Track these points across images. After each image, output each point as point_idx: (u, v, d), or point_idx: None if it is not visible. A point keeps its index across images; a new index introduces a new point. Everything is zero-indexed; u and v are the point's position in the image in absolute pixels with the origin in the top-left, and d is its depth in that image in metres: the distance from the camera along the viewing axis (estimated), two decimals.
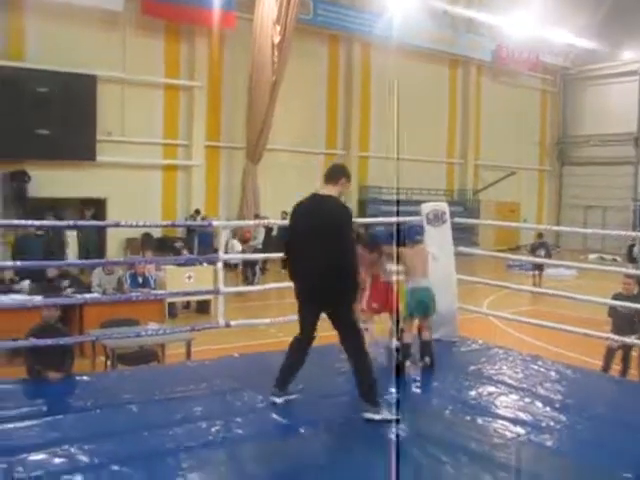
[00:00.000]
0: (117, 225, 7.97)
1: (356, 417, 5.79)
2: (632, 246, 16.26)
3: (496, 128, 32.64)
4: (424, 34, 28.21)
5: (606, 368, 8.91)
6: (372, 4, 26.35)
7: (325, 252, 5.88)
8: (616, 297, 8.99)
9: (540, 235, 19.05)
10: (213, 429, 5.49)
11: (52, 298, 7.72)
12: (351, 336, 6.00)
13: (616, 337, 8.50)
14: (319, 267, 5.90)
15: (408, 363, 7.31)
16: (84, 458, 4.87)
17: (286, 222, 6.53)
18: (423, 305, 7.52)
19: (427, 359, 7.45)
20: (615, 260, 26.44)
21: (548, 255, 18.92)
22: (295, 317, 6.27)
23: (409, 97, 28.33)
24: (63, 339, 6.79)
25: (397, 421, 5.64)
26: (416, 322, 7.56)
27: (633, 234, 17.19)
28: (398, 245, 7.80)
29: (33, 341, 6.65)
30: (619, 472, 4.89)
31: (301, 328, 6.14)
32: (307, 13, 24.59)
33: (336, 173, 6.30)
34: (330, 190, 6.17)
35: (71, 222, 7.98)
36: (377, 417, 5.71)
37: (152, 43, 22.37)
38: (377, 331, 7.65)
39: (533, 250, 19.54)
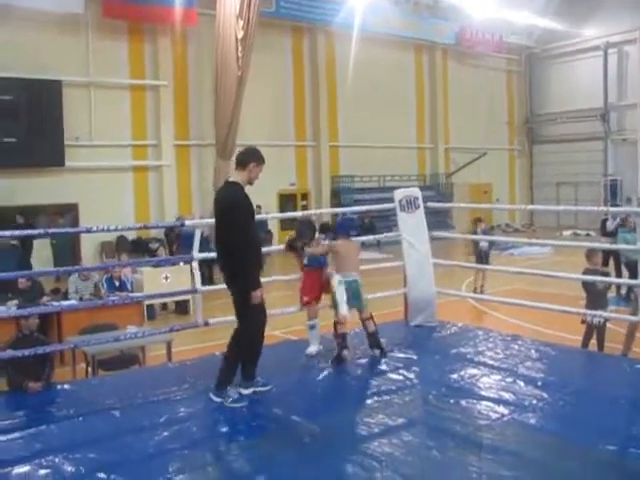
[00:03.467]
0: (89, 231, 7.86)
1: (341, 413, 5.81)
2: (605, 220, 16.33)
3: (465, 110, 32.79)
4: (387, 21, 28.18)
5: (586, 344, 8.98)
6: None
7: (220, 239, 6.11)
8: (586, 272, 9.05)
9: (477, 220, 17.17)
10: (198, 430, 5.49)
11: (29, 307, 7.63)
12: (240, 324, 6.20)
13: (592, 312, 8.55)
14: (218, 254, 6.24)
15: (345, 352, 7.34)
16: (70, 468, 4.85)
17: (261, 217, 6.59)
18: (357, 296, 7.41)
19: (376, 351, 7.54)
20: (589, 235, 26.70)
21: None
22: (273, 311, 6.30)
23: (376, 84, 28.43)
24: (42, 348, 6.73)
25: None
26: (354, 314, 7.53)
27: (605, 209, 17.28)
28: (334, 238, 7.87)
29: (11, 353, 6.58)
30: (603, 446, 4.96)
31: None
32: (269, 6, 24.44)
33: (244, 157, 6.20)
34: (237, 176, 6.17)
35: (42, 230, 7.85)
36: (216, 399, 6.05)
37: (115, 44, 22.16)
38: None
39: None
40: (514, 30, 34.15)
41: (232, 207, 6.03)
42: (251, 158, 6.17)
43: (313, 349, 7.61)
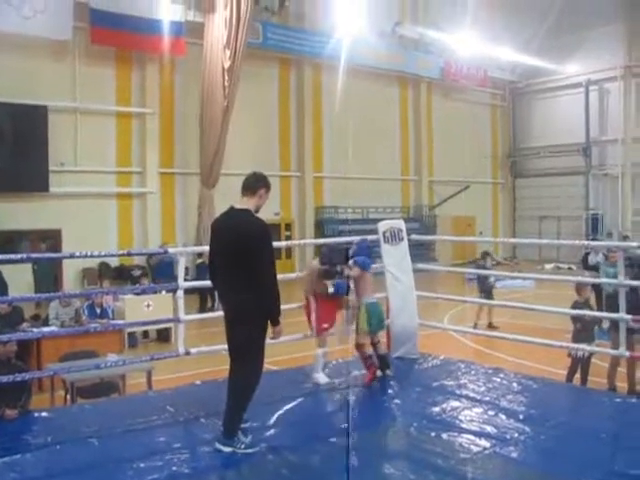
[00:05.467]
0: (72, 256, 7.83)
1: (322, 442, 5.77)
2: (587, 254, 16.46)
3: (449, 144, 33.06)
4: (374, 54, 28.47)
5: (570, 378, 8.98)
6: (321, 26, 26.60)
7: (232, 270, 5.57)
8: (577, 305, 9.10)
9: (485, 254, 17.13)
10: (177, 460, 5.42)
11: (8, 333, 7.55)
12: (238, 367, 5.66)
13: (577, 346, 8.57)
14: (227, 286, 5.71)
15: (388, 372, 7.58)
16: None
17: None
18: (381, 320, 7.72)
19: (388, 372, 7.67)
20: (570, 268, 26.85)
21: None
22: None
23: (361, 117, 28.63)
24: (20, 375, 6.64)
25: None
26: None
27: (586, 243, 17.39)
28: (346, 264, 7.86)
29: None
30: None
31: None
32: (257, 37, 24.64)
33: (254, 183, 5.82)
34: (247, 203, 5.74)
35: (25, 255, 7.81)
36: (225, 449, 5.55)
37: (102, 71, 22.19)
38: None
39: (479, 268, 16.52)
40: (498, 65, 34.60)
41: (259, 236, 5.55)
42: (261, 184, 5.81)
43: (324, 377, 7.66)
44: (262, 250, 5.53)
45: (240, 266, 5.49)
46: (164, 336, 14.33)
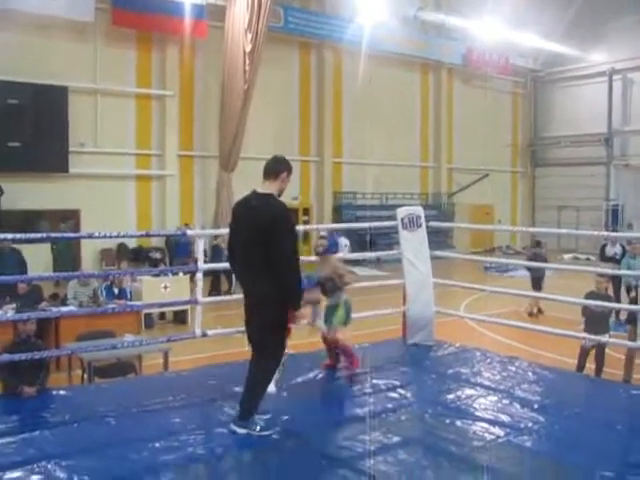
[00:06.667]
0: (91, 237, 7.84)
1: (337, 427, 5.79)
2: (604, 245, 16.35)
3: (469, 131, 32.89)
4: (395, 39, 28.32)
5: (580, 368, 8.98)
6: (343, 10, 26.46)
7: (255, 255, 5.47)
8: (589, 295, 9.07)
9: (537, 243, 17.40)
10: (193, 441, 5.45)
11: (27, 312, 7.62)
12: (261, 354, 5.64)
13: (590, 336, 8.56)
14: (248, 271, 5.60)
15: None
16: (62, 475, 4.81)
17: None
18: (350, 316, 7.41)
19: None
20: (589, 259, 26.69)
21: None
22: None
23: (381, 102, 28.51)
24: (39, 353, 6.71)
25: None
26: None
27: (606, 234, 17.29)
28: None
29: (8, 357, 6.56)
30: (598, 471, 4.93)
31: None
32: (278, 21, 24.58)
33: (277, 167, 5.72)
34: (269, 187, 5.64)
35: (44, 234, 7.86)
36: (240, 431, 5.54)
37: (123, 53, 22.25)
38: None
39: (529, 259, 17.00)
40: (520, 52, 34.31)
41: (283, 220, 5.49)
42: (283, 167, 5.73)
43: (272, 386, 6.51)
44: (284, 234, 5.45)
45: (261, 250, 5.41)
46: (180, 318, 14.43)
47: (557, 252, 30.35)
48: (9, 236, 7.80)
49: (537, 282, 15.28)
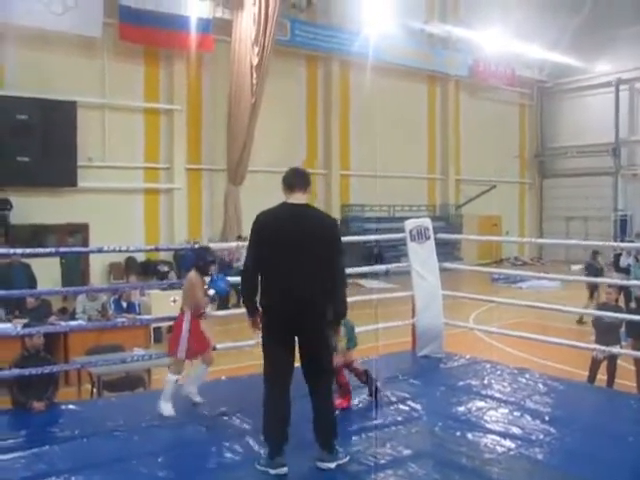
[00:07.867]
0: (100, 251, 7.86)
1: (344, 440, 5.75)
2: (619, 255, 16.27)
3: (476, 142, 32.85)
4: (401, 51, 28.39)
5: (592, 379, 8.92)
6: (349, 23, 26.55)
7: (314, 270, 5.11)
8: (600, 307, 9.04)
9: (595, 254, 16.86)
10: (203, 456, 5.44)
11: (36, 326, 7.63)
12: (325, 370, 5.35)
13: (602, 348, 8.51)
14: (308, 288, 5.09)
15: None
16: None
17: None
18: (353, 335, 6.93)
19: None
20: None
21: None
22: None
23: (388, 115, 28.52)
24: (48, 368, 6.71)
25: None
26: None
27: (617, 244, 17.21)
28: None
29: (17, 371, 6.56)
30: None
31: (272, 365, 5.26)
32: (284, 34, 24.68)
33: (309, 178, 5.54)
34: (301, 198, 5.32)
35: (54, 249, 7.89)
36: (333, 465, 5.20)
37: (131, 68, 22.34)
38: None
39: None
40: (526, 64, 34.36)
41: (339, 234, 5.38)
42: (309, 180, 5.55)
43: (170, 409, 6.48)
44: (341, 247, 5.34)
45: (313, 266, 5.12)
46: None
47: (565, 263, 30.28)
48: (19, 251, 7.83)
49: (592, 292, 15.04)
